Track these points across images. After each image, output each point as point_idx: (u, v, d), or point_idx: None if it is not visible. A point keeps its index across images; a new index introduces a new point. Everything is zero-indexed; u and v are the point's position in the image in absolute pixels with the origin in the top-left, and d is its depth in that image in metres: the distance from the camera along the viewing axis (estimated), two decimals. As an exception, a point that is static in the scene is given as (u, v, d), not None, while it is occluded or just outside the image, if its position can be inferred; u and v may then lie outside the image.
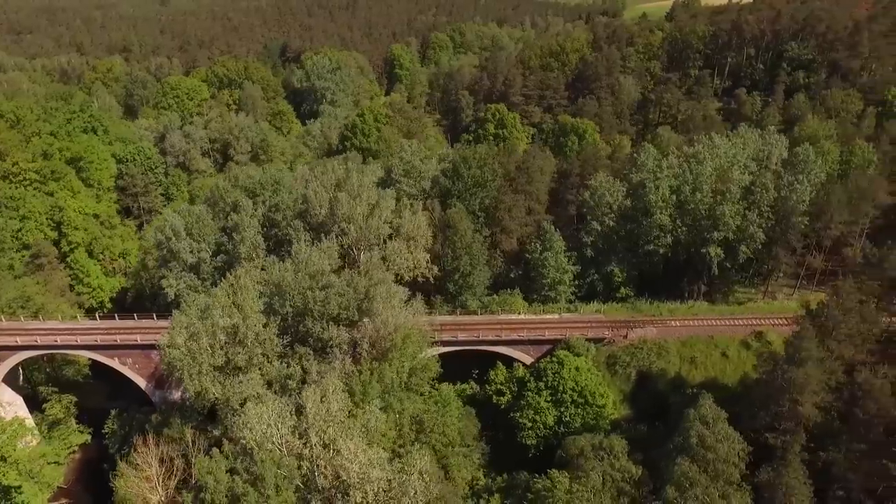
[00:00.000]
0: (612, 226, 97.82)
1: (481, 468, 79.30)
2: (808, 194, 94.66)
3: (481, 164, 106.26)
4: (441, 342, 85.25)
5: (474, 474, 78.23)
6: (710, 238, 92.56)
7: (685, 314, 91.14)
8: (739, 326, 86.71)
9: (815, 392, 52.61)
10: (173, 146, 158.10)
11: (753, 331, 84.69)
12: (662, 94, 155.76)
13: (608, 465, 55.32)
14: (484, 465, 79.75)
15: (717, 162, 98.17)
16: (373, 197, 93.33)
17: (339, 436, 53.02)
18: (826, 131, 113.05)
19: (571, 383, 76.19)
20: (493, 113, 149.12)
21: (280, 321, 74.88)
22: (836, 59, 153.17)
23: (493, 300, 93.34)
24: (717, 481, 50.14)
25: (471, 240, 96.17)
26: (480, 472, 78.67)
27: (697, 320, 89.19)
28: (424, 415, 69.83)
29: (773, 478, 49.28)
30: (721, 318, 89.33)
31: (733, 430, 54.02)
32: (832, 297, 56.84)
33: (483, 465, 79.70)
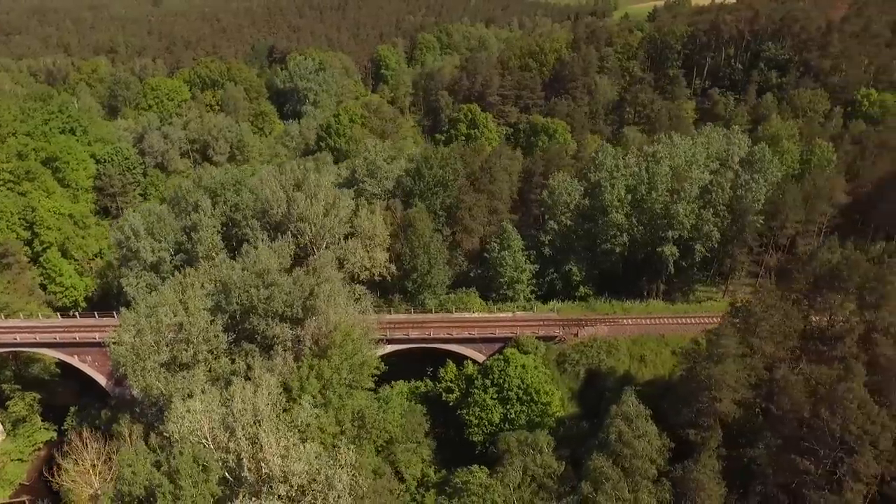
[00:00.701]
0: (569, 225, 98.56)
1: (432, 465, 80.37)
2: (763, 193, 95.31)
3: (443, 164, 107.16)
4: (393, 340, 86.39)
5: (425, 470, 79.20)
6: (665, 237, 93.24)
7: (639, 313, 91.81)
8: (692, 325, 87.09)
9: (735, 389, 53.31)
10: (151, 146, 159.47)
11: (705, 329, 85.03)
12: (637, 94, 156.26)
13: (530, 460, 56.08)
14: (434, 461, 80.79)
15: (676, 161, 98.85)
16: (330, 197, 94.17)
17: (265, 430, 53.80)
18: (788, 131, 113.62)
19: (517, 381, 76.96)
20: (465, 113, 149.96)
21: (227, 319, 75.79)
22: (808, 59, 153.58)
23: (448, 299, 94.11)
24: (633, 477, 50.85)
25: (429, 239, 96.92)
26: (431, 469, 79.66)
27: (651, 319, 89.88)
28: (366, 411, 70.55)
29: (685, 474, 49.99)
30: (675, 317, 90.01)
31: (655, 426, 54.80)
32: (754, 296, 57.48)
33: (434, 462, 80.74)
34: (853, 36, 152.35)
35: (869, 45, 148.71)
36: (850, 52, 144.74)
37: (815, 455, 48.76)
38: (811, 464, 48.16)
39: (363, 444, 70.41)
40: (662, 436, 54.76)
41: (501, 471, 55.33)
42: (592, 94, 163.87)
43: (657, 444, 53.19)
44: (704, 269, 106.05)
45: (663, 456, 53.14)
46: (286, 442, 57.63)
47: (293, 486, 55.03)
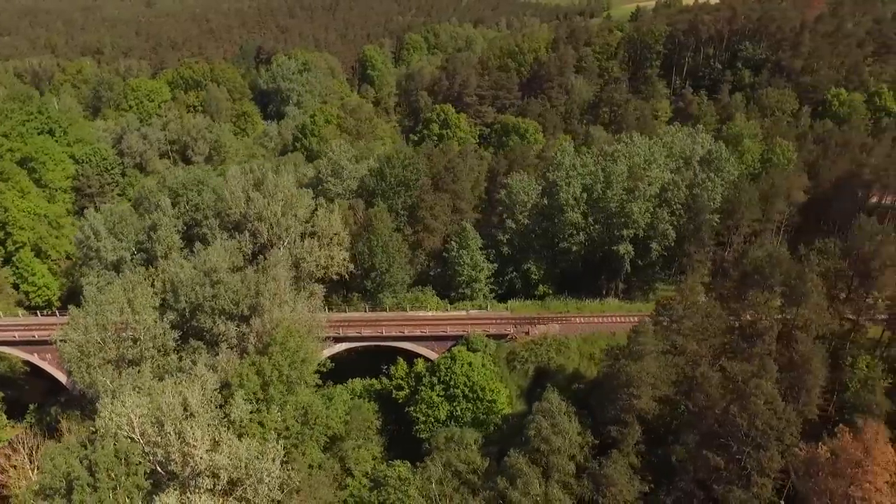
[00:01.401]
0: (527, 224, 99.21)
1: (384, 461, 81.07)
2: (719, 192, 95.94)
3: (405, 164, 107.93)
4: (346, 338, 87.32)
5: (377, 466, 79.90)
6: (621, 236, 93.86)
7: (593, 311, 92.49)
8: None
9: (655, 386, 53.93)
10: (130, 147, 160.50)
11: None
12: (612, 94, 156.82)
13: (454, 455, 56.83)
14: (386, 457, 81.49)
15: (634, 161, 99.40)
16: (288, 196, 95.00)
17: (191, 425, 54.69)
18: (751, 130, 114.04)
19: (463, 379, 77.68)
20: (437, 113, 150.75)
21: (176, 316, 76.82)
22: (780, 59, 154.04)
23: (404, 297, 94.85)
24: (551, 472, 51.56)
25: (387, 238, 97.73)
26: (384, 465, 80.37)
27: (604, 317, 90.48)
28: (309, 407, 71.36)
29: (599, 470, 50.62)
30: (628, 315, 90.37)
31: (577, 422, 55.53)
32: (677, 294, 58.11)
33: (385, 458, 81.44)
34: (825, 36, 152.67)
35: (840, 46, 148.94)
36: (821, 52, 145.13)
37: (728, 451, 49.35)
38: (722, 459, 48.74)
39: (306, 440, 71.21)
40: (587, 433, 55.48)
41: (422, 466, 56.05)
42: (569, 94, 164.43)
43: (578, 440, 53.85)
44: (667, 267, 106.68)
45: (584, 452, 53.78)
46: (218, 436, 58.66)
47: (221, 479, 55.95)
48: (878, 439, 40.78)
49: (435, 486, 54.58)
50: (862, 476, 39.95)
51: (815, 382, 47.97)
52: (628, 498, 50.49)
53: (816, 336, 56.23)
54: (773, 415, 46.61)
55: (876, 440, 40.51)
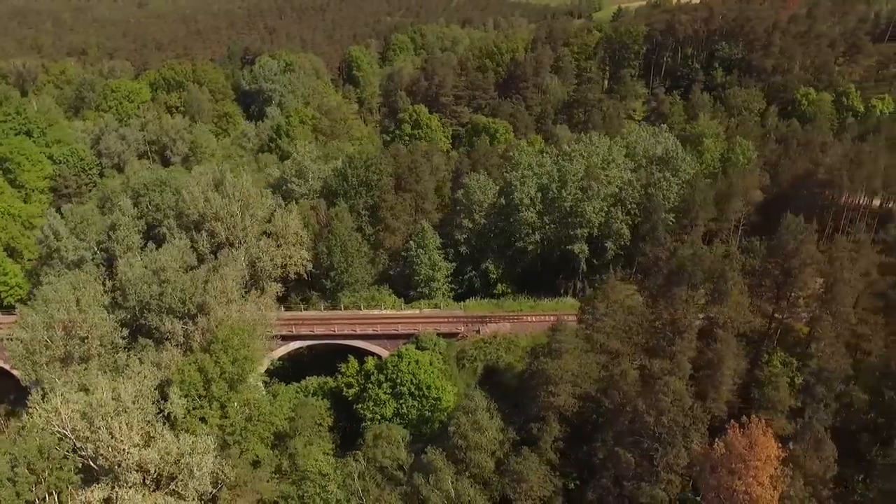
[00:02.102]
0: (484, 224, 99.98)
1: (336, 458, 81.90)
2: (674, 191, 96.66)
3: (367, 165, 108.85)
4: (299, 336, 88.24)
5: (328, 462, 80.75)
6: (575, 235, 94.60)
7: (546, 310, 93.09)
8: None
9: (575, 383, 54.66)
10: (108, 148, 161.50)
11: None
12: (585, 94, 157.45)
13: (379, 452, 57.73)
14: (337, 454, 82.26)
15: (591, 160, 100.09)
16: (247, 197, 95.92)
17: (120, 421, 55.63)
18: (713, 129, 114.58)
19: (409, 377, 78.35)
20: (409, 114, 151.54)
21: (126, 315, 77.86)
22: (751, 59, 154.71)
23: (360, 296, 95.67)
24: (468, 467, 52.35)
25: (346, 238, 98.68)
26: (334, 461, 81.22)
27: (557, 316, 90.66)
28: (252, 404, 72.26)
29: (513, 467, 51.33)
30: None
31: (500, 420, 56.29)
32: (598, 292, 58.78)
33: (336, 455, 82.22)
34: (797, 36, 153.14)
35: (811, 46, 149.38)
36: (792, 52, 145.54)
37: (639, 447, 50.03)
38: (633, 456, 49.42)
39: (249, 436, 72.13)
40: (509, 430, 56.26)
41: (342, 462, 56.95)
42: (544, 94, 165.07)
43: (499, 437, 54.63)
44: (628, 265, 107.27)
45: (504, 449, 54.52)
46: (153, 432, 59.66)
47: (150, 473, 56.96)
48: (763, 434, 41.41)
49: (357, 482, 55.43)
50: (745, 470, 40.62)
51: (724, 380, 48.60)
52: (540, 494, 51.24)
53: (739, 334, 56.97)
54: (680, 411, 47.28)
55: (760, 435, 41.15)
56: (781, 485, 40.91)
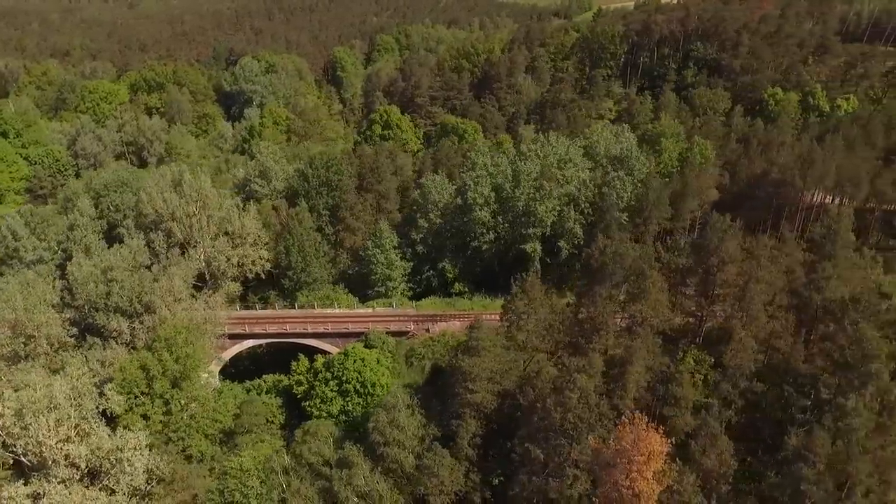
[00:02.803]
0: (439, 223, 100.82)
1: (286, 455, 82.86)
2: (628, 191, 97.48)
3: (328, 165, 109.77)
4: (252, 335, 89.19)
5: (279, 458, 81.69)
6: (528, 234, 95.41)
7: (497, 310, 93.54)
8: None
9: (493, 380, 55.52)
10: (84, 149, 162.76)
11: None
12: (557, 94, 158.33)
13: (306, 448, 58.69)
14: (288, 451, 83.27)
15: (549, 160, 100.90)
16: (204, 197, 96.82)
17: (47, 417, 56.55)
18: (674, 129, 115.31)
19: (355, 374, 79.21)
20: (380, 114, 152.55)
21: (75, 314, 78.88)
22: (721, 58, 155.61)
23: (314, 295, 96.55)
24: (386, 463, 53.24)
25: (303, 238, 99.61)
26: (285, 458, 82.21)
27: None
28: (195, 401, 73.16)
29: (425, 462, 52.17)
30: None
31: (421, 416, 57.19)
32: (518, 290, 59.62)
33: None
34: (767, 36, 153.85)
35: (780, 46, 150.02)
36: (760, 53, 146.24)
37: (549, 443, 50.78)
38: (542, 452, 50.17)
39: (192, 432, 73.03)
40: (430, 426, 57.13)
41: (265, 457, 57.89)
42: (519, 94, 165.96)
43: (418, 433, 55.51)
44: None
45: (424, 445, 55.35)
46: (88, 428, 60.63)
47: (80, 468, 57.92)
48: (646, 430, 42.16)
49: (281, 477, 56.38)
50: (629, 466, 41.38)
51: (630, 377, 49.35)
52: (453, 489, 52.14)
53: (661, 332, 57.77)
54: (586, 408, 48.03)
55: (643, 431, 41.90)
56: (667, 480, 41.72)
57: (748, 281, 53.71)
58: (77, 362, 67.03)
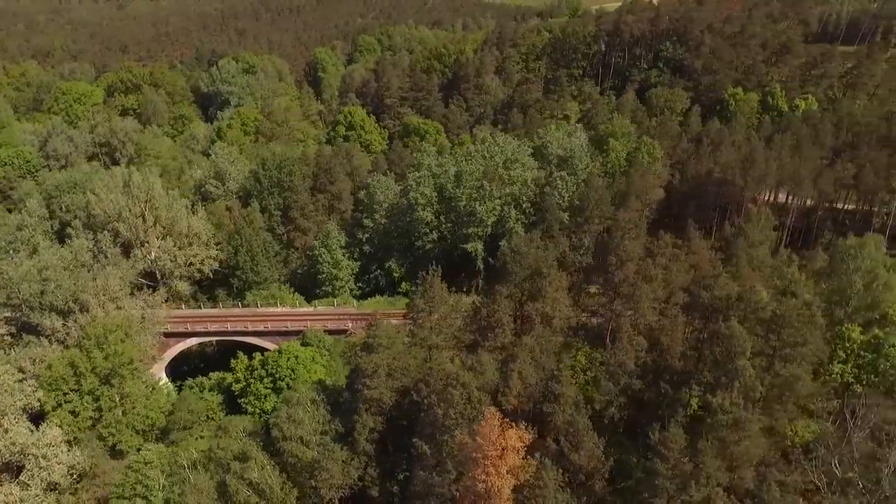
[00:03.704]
0: (385, 223, 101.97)
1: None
2: (569, 191, 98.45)
3: (280, 166, 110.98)
4: (194, 333, 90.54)
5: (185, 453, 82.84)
6: (469, 234, 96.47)
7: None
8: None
9: (393, 377, 56.66)
10: (55, 150, 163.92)
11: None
12: (523, 95, 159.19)
13: (215, 444, 60.03)
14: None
15: (496, 160, 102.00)
16: (151, 198, 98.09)
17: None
18: (624, 129, 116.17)
19: (288, 372, 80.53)
20: (344, 115, 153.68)
21: (11, 312, 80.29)
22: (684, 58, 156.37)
23: (258, 294, 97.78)
24: (284, 458, 54.42)
25: (251, 238, 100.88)
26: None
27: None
28: (126, 398, 74.46)
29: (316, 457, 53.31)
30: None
31: (325, 412, 58.42)
32: (420, 289, 60.70)
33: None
34: (730, 37, 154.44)
35: (742, 46, 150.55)
36: (721, 53, 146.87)
37: (434, 439, 51.80)
38: (428, 447, 51.23)
39: (122, 428, 74.34)
40: (334, 421, 58.30)
41: (173, 451, 59.26)
42: (485, 95, 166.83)
43: (322, 428, 56.66)
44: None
45: (324, 440, 56.44)
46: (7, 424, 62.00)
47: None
48: (501, 426, 43.20)
49: (189, 472, 57.64)
50: (483, 461, 42.41)
51: (512, 374, 50.36)
52: (344, 483, 53.34)
53: (559, 329, 58.79)
54: (468, 405, 49.07)
55: (497, 427, 42.91)
56: (523, 475, 42.74)
57: (633, 279, 54.74)
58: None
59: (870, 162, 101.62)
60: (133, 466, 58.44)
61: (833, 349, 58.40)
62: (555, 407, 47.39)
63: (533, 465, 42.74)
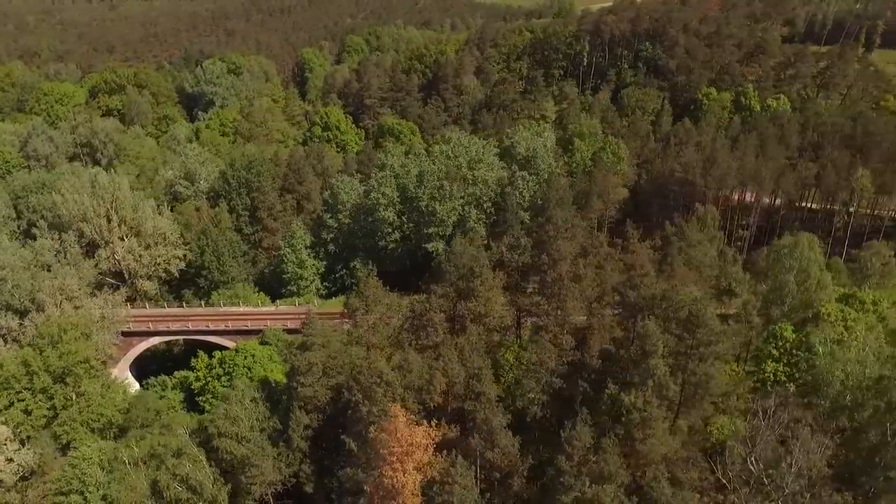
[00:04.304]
0: (349, 223, 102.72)
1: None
2: (530, 190, 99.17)
3: (248, 167, 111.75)
4: (157, 332, 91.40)
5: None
6: (430, 234, 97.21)
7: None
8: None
9: (329, 375, 57.47)
10: (35, 150, 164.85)
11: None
12: (500, 95, 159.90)
13: (156, 440, 60.97)
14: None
15: (459, 161, 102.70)
16: (115, 199, 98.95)
17: None
18: (592, 129, 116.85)
19: (244, 370, 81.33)
20: (320, 116, 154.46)
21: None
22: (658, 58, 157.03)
23: (223, 294, 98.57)
24: (217, 453, 55.30)
25: (216, 238, 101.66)
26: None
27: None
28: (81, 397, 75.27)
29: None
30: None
31: (265, 408, 59.24)
32: (357, 288, 61.36)
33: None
34: (707, 37, 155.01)
35: (718, 47, 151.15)
36: (695, 53, 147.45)
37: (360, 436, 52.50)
38: (356, 444, 51.96)
39: (76, 426, 75.10)
40: (272, 418, 59.15)
41: (115, 447, 60.45)
42: (464, 96, 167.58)
43: (260, 425, 57.51)
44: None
45: (262, 437, 57.28)
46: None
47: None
48: (406, 423, 43.93)
49: (131, 467, 58.58)
50: (389, 457, 43.12)
51: (435, 373, 51.03)
52: (273, 479, 54.20)
53: (493, 328, 59.54)
54: (390, 401, 49.75)
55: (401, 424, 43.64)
56: (431, 471, 43.44)
57: (562, 278, 55.43)
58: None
59: (831, 162, 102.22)
60: (72, 462, 59.36)
61: (767, 348, 59.17)
62: (475, 405, 48.03)
63: (441, 462, 43.47)
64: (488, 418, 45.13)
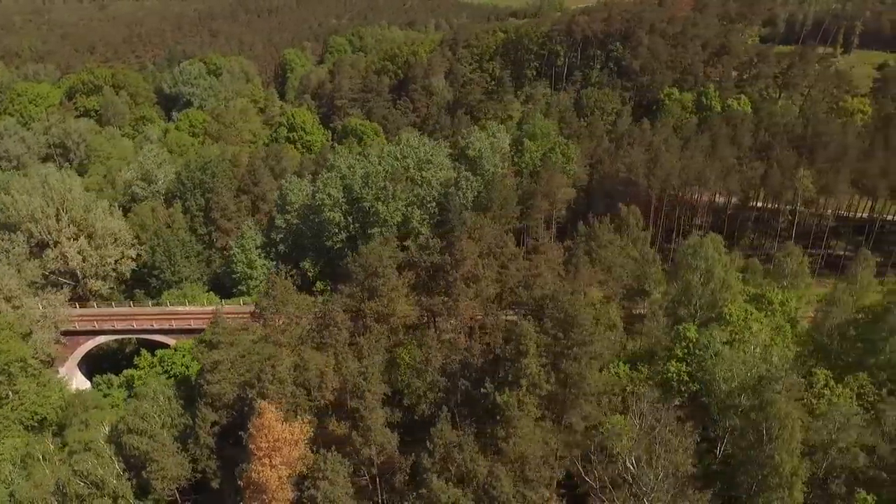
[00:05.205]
0: (297, 224, 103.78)
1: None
2: (474, 190, 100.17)
3: (202, 168, 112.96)
4: (102, 331, 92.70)
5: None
6: (374, 234, 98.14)
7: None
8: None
9: (238, 373, 58.65)
10: (7, 150, 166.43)
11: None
12: (467, 96, 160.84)
13: (76, 435, 62.38)
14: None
15: (406, 161, 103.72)
16: (64, 200, 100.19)
17: None
18: (546, 129, 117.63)
19: (182, 368, 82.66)
20: (286, 117, 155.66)
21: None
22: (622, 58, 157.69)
23: (171, 293, 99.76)
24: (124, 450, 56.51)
25: (167, 238, 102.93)
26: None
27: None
28: (14, 394, 76.52)
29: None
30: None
31: (179, 406, 60.32)
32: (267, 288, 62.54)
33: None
34: (673, 37, 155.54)
35: (682, 47, 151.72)
36: (659, 53, 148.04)
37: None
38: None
39: (9, 424, 76.37)
40: (185, 415, 60.36)
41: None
42: (432, 97, 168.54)
43: (168, 422, 58.71)
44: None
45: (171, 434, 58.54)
46: None
47: None
48: (274, 419, 44.97)
49: (44, 463, 59.97)
50: (257, 452, 44.18)
51: (331, 371, 52.11)
52: (174, 475, 55.38)
53: (398, 327, 60.52)
54: (284, 399, 50.90)
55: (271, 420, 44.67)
56: (300, 466, 44.48)
57: (456, 279, 56.42)
58: None
59: (777, 162, 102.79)
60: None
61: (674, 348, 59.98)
62: (359, 403, 49.04)
63: (312, 457, 44.52)
64: (365, 416, 46.12)
